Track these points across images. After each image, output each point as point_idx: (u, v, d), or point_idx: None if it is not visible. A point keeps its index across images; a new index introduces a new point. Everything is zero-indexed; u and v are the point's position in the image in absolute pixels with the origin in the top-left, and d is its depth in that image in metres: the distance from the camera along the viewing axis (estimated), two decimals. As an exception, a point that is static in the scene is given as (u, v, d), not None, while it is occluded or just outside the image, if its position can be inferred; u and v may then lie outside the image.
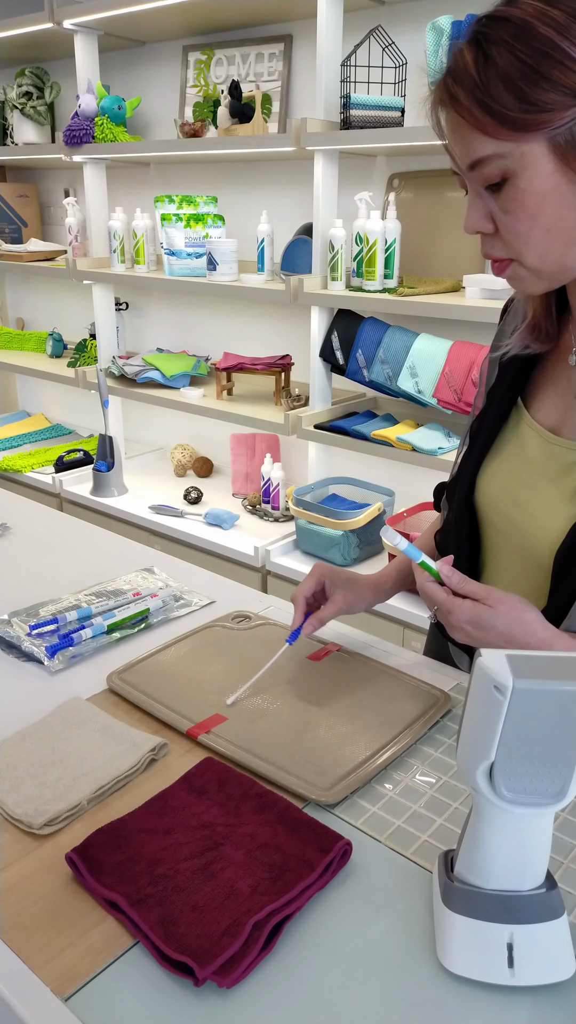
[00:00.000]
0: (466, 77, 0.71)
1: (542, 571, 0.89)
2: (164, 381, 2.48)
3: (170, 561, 1.35)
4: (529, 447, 0.92)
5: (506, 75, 0.70)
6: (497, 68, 0.70)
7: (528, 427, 0.93)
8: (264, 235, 2.24)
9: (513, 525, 0.92)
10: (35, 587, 1.23)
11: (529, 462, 0.92)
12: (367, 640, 1.12)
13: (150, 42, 2.62)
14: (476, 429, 0.98)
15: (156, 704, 0.94)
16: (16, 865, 0.73)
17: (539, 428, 0.91)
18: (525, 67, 0.69)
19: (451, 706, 0.95)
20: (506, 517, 0.93)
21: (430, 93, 0.77)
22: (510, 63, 0.69)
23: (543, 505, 0.89)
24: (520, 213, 0.75)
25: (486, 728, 0.58)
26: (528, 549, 0.90)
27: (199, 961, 0.61)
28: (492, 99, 0.70)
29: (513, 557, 0.93)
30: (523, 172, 0.73)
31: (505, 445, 0.95)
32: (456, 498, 0.98)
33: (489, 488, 0.95)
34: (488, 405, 0.97)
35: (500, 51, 0.70)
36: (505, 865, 0.62)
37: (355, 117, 1.92)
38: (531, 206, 0.75)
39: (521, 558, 0.92)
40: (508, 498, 0.92)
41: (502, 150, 0.73)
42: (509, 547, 0.94)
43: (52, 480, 2.73)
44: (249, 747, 0.87)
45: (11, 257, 2.93)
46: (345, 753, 0.86)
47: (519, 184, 0.74)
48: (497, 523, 0.94)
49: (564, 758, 0.58)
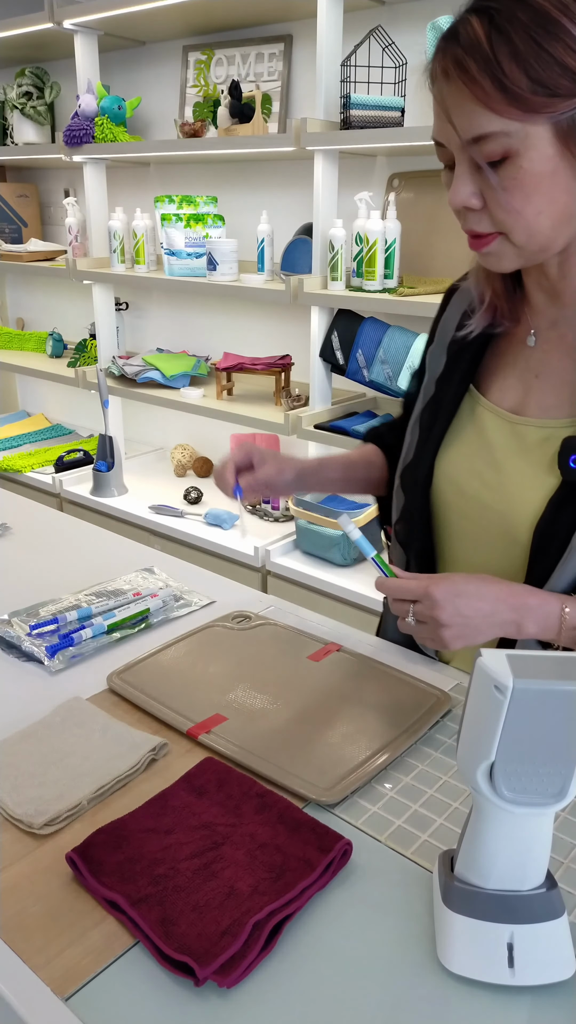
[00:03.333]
0: (478, 51, 0.72)
1: (520, 547, 0.90)
2: (164, 381, 2.49)
3: (170, 561, 1.35)
4: (490, 429, 0.94)
5: (521, 55, 0.70)
6: (512, 46, 0.71)
7: (486, 410, 0.95)
8: (264, 235, 2.24)
9: (486, 506, 0.93)
10: (35, 587, 1.23)
11: (492, 444, 0.93)
12: (367, 640, 1.12)
13: (150, 42, 2.62)
14: (429, 417, 1.00)
15: (156, 704, 0.94)
16: (16, 865, 0.73)
17: (499, 410, 0.94)
18: (540, 49, 0.70)
19: (451, 706, 0.95)
20: (476, 499, 0.94)
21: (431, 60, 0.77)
22: (525, 43, 0.70)
23: (517, 483, 0.90)
24: (517, 191, 0.77)
25: (486, 728, 0.58)
26: (506, 527, 0.91)
27: (199, 961, 0.61)
28: (506, 76, 0.71)
29: (487, 539, 0.94)
30: (526, 152, 0.74)
31: (462, 430, 0.97)
32: (416, 486, 1.00)
33: (452, 473, 0.96)
34: (440, 392, 0.99)
35: (516, 29, 0.70)
36: (505, 865, 0.62)
37: (355, 117, 1.92)
38: (529, 185, 0.76)
39: (497, 538, 0.92)
40: (476, 481, 0.94)
41: (508, 128, 0.73)
42: (481, 529, 0.94)
43: (52, 480, 2.73)
44: (249, 747, 0.87)
45: (11, 257, 2.93)
46: (345, 753, 0.86)
47: (521, 163, 0.75)
48: (464, 507, 0.95)
49: (564, 758, 0.58)
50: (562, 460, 0.85)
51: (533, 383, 0.92)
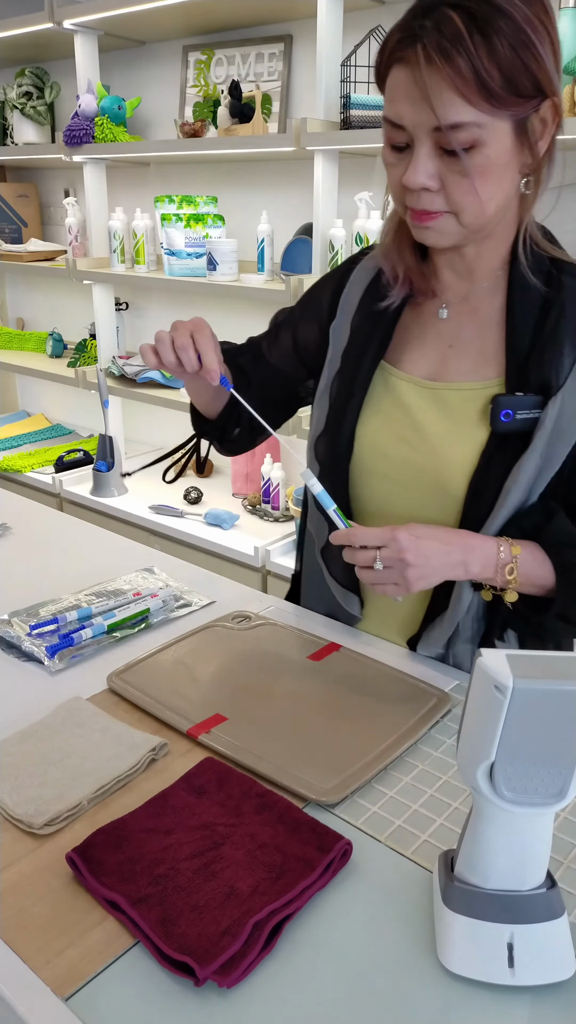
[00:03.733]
0: (462, 44, 0.78)
1: (453, 499, 0.98)
2: (164, 381, 2.48)
3: (170, 561, 1.35)
4: (406, 396, 1.02)
5: (499, 56, 0.78)
6: (490, 46, 0.78)
7: (400, 380, 1.03)
8: (264, 235, 2.24)
9: (414, 466, 1.00)
10: (35, 587, 1.23)
11: (411, 409, 1.01)
12: (367, 640, 1.12)
13: (150, 42, 2.62)
14: (340, 390, 1.05)
15: (156, 704, 0.94)
16: (16, 865, 0.73)
17: (416, 378, 1.02)
18: (515, 55, 0.79)
19: (451, 706, 0.95)
20: (403, 461, 1.01)
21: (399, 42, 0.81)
22: (503, 47, 0.78)
23: (447, 442, 0.98)
24: (478, 177, 0.84)
25: (486, 728, 0.58)
26: (440, 482, 0.98)
27: (199, 961, 0.61)
28: (486, 73, 0.78)
29: (420, 495, 1.00)
30: (491, 143, 0.82)
31: (379, 401, 1.04)
32: (335, 456, 1.05)
33: (374, 440, 1.03)
34: (349, 366, 1.05)
35: (496, 33, 0.78)
36: (505, 865, 0.63)
37: (355, 117, 1.92)
38: (489, 173, 0.84)
39: (431, 494, 1.00)
40: (402, 445, 1.01)
41: (480, 120, 0.81)
42: (411, 488, 1.01)
43: (52, 480, 2.73)
44: (249, 747, 0.87)
45: (11, 257, 2.93)
46: (345, 753, 0.86)
47: (487, 152, 0.83)
48: (387, 470, 1.02)
49: (564, 758, 0.58)
50: (493, 415, 0.93)
51: (448, 352, 1.01)
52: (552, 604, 0.95)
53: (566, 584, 0.94)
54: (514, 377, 0.95)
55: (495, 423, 0.94)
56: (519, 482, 0.93)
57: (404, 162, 0.87)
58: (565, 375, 0.92)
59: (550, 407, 0.92)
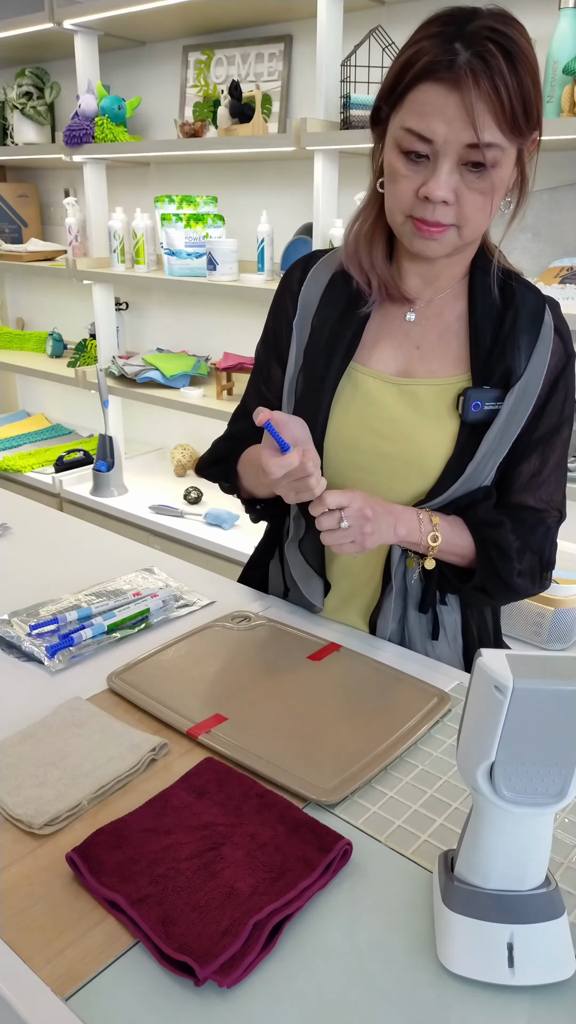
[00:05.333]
0: (501, 76, 0.86)
1: (428, 479, 1.06)
2: (164, 381, 2.48)
3: (170, 561, 1.35)
4: (378, 393, 1.07)
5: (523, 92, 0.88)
6: (519, 80, 0.87)
7: (368, 377, 1.08)
8: (264, 235, 2.24)
9: (390, 456, 1.06)
10: (35, 587, 1.23)
11: (381, 403, 1.07)
12: (367, 640, 1.12)
13: (150, 42, 2.62)
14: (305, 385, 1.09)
15: (156, 704, 0.94)
16: (16, 865, 0.73)
17: (385, 375, 1.08)
18: (531, 89, 0.88)
19: (451, 706, 0.95)
20: (378, 452, 1.06)
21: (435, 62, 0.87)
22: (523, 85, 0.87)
23: (422, 432, 1.05)
24: (488, 195, 0.92)
25: (486, 728, 0.58)
26: (419, 467, 1.06)
27: (200, 961, 0.61)
28: (517, 102, 0.87)
29: (396, 484, 1.07)
30: (503, 165, 0.91)
31: (348, 399, 1.08)
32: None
33: (345, 434, 1.08)
34: (314, 364, 1.09)
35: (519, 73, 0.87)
36: (505, 865, 0.63)
37: (355, 117, 1.92)
38: (495, 193, 0.93)
39: (405, 478, 1.06)
40: (372, 435, 1.07)
41: (502, 143, 0.89)
42: (389, 478, 1.07)
43: (52, 480, 2.73)
44: (249, 747, 0.87)
45: (11, 257, 2.93)
46: (345, 753, 0.86)
47: (500, 174, 0.92)
48: (359, 460, 1.08)
49: (564, 758, 0.58)
50: (464, 407, 1.03)
51: (415, 353, 1.08)
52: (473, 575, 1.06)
53: (484, 559, 1.05)
54: (479, 372, 1.04)
55: (466, 414, 1.03)
56: (475, 459, 1.03)
57: (419, 174, 0.92)
58: (523, 367, 1.03)
59: (509, 396, 1.03)
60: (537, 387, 1.03)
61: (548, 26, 1.68)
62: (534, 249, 1.86)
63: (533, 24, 1.02)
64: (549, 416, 1.05)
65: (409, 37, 0.91)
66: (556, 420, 1.06)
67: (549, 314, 1.05)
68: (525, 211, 1.00)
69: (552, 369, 1.04)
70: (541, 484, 1.08)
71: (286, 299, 1.15)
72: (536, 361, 1.03)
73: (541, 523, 1.09)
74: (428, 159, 0.91)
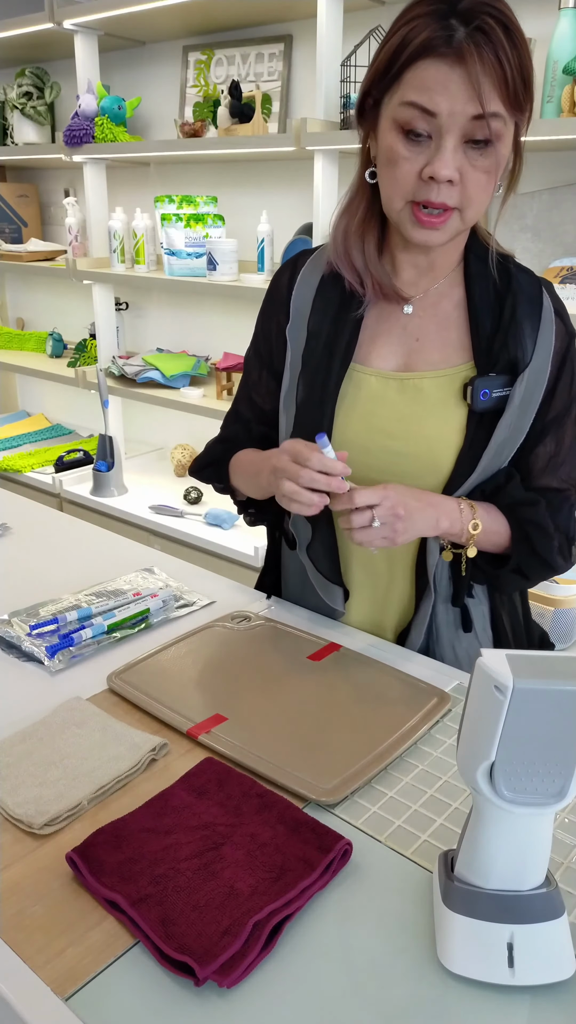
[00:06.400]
0: (502, 49, 0.85)
1: (441, 474, 1.04)
2: (164, 381, 2.48)
3: (170, 561, 1.35)
4: (381, 391, 1.06)
5: (523, 63, 0.87)
6: (518, 53, 0.86)
7: (370, 376, 1.06)
8: (264, 235, 2.24)
9: (404, 455, 1.04)
10: (35, 587, 1.23)
11: (385, 401, 1.05)
12: (367, 640, 1.12)
13: (150, 42, 2.62)
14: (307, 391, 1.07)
15: (156, 704, 0.94)
16: (16, 865, 0.73)
17: (385, 372, 1.06)
18: (528, 64, 0.88)
19: (451, 706, 0.95)
20: (387, 451, 1.05)
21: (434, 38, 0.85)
22: (522, 59, 0.87)
23: (431, 425, 1.04)
24: (491, 173, 0.91)
25: (486, 728, 0.58)
26: (428, 462, 1.04)
27: (199, 961, 0.61)
28: (515, 76, 0.86)
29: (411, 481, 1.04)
30: (504, 141, 0.90)
31: (352, 401, 1.07)
32: None
33: (351, 435, 1.06)
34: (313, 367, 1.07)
35: (518, 46, 0.86)
36: (505, 865, 0.63)
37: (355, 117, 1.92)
38: (495, 170, 0.91)
39: (418, 475, 1.04)
40: (381, 436, 1.05)
41: (504, 116, 0.88)
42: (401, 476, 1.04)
43: (52, 480, 2.73)
44: (249, 747, 0.87)
45: (11, 257, 2.93)
46: (345, 753, 0.86)
47: (501, 150, 0.90)
48: (369, 461, 1.05)
49: (564, 758, 0.58)
50: (473, 396, 1.01)
51: (415, 345, 1.07)
52: (508, 559, 1.06)
53: (520, 538, 1.05)
54: (483, 360, 1.03)
55: (475, 403, 1.02)
56: (490, 449, 1.02)
57: (420, 155, 0.90)
58: (530, 354, 1.02)
59: (519, 383, 1.01)
60: (545, 371, 1.03)
61: (548, 26, 1.68)
62: (534, 249, 1.86)
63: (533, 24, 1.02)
64: (559, 397, 1.05)
65: (393, 22, 0.89)
66: (567, 400, 1.06)
67: (547, 296, 1.05)
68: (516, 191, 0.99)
69: (558, 351, 1.04)
70: (561, 464, 1.08)
71: (275, 306, 1.13)
72: (542, 345, 1.03)
73: (566, 501, 1.09)
74: (429, 139, 0.89)
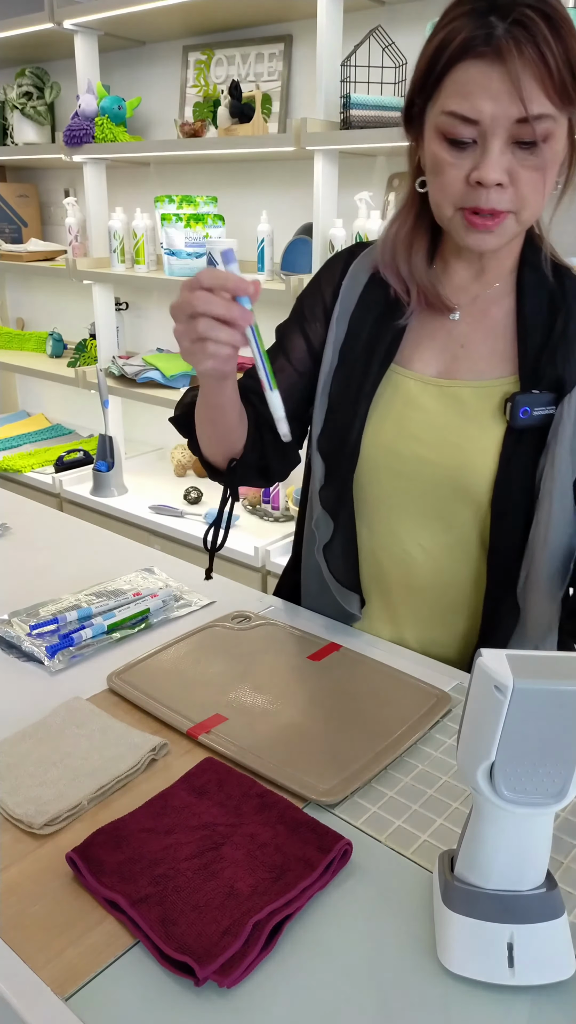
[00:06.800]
0: (545, 42, 0.80)
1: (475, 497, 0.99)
2: (164, 381, 2.48)
3: (170, 561, 1.35)
4: (419, 395, 1.02)
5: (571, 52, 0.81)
6: (564, 45, 0.81)
7: (410, 380, 1.03)
8: (264, 235, 2.24)
9: (432, 464, 1.01)
10: (35, 587, 1.23)
11: (422, 407, 1.02)
12: (367, 640, 1.12)
13: (150, 42, 2.62)
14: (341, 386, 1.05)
15: (156, 704, 0.94)
16: (16, 865, 0.73)
17: (426, 377, 1.03)
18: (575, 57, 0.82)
19: (451, 706, 0.95)
20: (418, 458, 1.01)
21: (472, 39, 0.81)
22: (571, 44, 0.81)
23: (465, 438, 1.00)
24: (544, 172, 0.86)
25: (486, 728, 0.58)
26: (459, 479, 1.00)
27: (200, 961, 0.61)
28: (564, 67, 0.81)
29: (438, 493, 1.01)
30: (557, 137, 0.85)
31: (388, 402, 1.03)
32: (341, 455, 1.05)
33: (383, 439, 1.03)
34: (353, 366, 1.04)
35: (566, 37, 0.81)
36: (505, 865, 0.62)
37: (355, 117, 1.92)
38: (550, 169, 0.86)
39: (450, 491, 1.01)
40: (415, 442, 1.02)
41: (553, 113, 0.83)
42: (431, 486, 1.01)
43: (52, 480, 2.73)
44: (249, 747, 0.87)
45: (11, 257, 2.93)
46: (345, 753, 0.86)
47: (555, 147, 0.85)
48: (404, 469, 1.02)
49: (564, 758, 0.58)
50: (512, 412, 0.96)
51: (459, 352, 1.03)
52: None
53: None
54: (528, 375, 0.98)
55: (514, 420, 0.96)
56: (556, 481, 0.95)
57: (466, 160, 0.86)
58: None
59: (566, 403, 0.95)
60: None
61: None
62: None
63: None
64: None
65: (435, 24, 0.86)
66: None
67: None
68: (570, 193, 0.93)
69: None
70: None
71: (326, 288, 1.09)
72: None
73: None
74: (475, 143, 0.85)
